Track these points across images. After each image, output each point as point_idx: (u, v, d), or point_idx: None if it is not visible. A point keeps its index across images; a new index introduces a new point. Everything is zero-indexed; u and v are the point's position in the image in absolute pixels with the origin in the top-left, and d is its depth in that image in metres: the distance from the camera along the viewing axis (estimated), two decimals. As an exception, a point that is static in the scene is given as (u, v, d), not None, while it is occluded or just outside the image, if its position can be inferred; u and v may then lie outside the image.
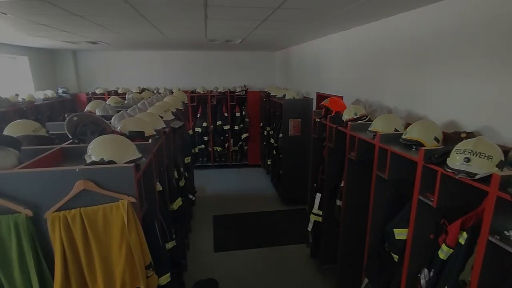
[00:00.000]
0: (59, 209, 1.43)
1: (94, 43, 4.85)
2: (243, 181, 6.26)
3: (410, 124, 2.03)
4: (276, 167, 5.53)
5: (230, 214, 4.79)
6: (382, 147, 2.10)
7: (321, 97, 4.37)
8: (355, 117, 2.66)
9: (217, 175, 6.63)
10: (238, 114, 6.83)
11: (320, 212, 3.25)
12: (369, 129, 2.35)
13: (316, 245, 3.48)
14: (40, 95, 5.30)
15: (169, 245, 2.32)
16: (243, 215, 4.78)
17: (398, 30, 2.67)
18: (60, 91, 6.07)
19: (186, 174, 3.77)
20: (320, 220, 3.26)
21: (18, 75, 5.60)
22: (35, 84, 5.78)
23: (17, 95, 4.80)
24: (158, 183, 2.23)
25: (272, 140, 5.50)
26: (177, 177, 3.10)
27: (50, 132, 2.25)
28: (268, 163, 6.07)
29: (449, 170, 1.48)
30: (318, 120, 3.27)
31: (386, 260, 2.17)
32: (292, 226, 4.46)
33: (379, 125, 2.28)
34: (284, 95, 4.96)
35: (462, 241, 1.52)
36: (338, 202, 2.89)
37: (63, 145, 1.99)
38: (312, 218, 3.33)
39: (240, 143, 7.04)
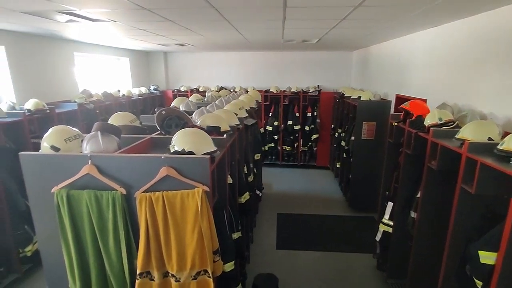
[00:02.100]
0: (146, 191, 1.63)
1: (182, 45, 5.36)
2: (310, 182, 6.19)
3: (510, 134, 1.76)
4: (345, 171, 5.33)
5: (294, 214, 4.80)
6: (471, 157, 1.87)
7: (400, 99, 4.06)
8: (439, 122, 2.41)
9: (284, 174, 6.69)
10: (309, 114, 6.77)
11: (391, 223, 3.04)
12: (456, 136, 2.11)
13: (384, 257, 3.26)
14: (136, 91, 6.10)
15: (235, 236, 2.43)
16: (307, 216, 4.74)
17: (502, 24, 2.32)
18: (152, 88, 6.89)
19: (255, 171, 3.91)
20: (390, 231, 3.04)
21: (120, 73, 6.53)
22: (132, 82, 6.66)
23: (118, 91, 5.60)
24: (229, 176, 2.37)
25: (343, 143, 5.31)
26: (246, 172, 3.24)
27: (142, 124, 2.58)
28: (337, 166, 5.88)
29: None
30: (396, 124, 3.05)
31: (466, 285, 1.93)
32: (359, 233, 4.26)
33: (468, 133, 2.03)
34: (359, 97, 4.74)
35: None
36: (413, 214, 2.66)
37: (153, 135, 2.27)
38: (382, 227, 3.13)
39: (309, 143, 6.97)
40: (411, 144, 2.68)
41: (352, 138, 4.77)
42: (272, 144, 6.99)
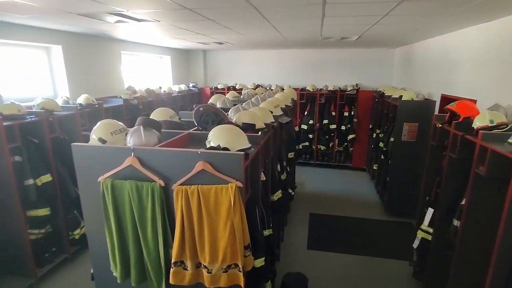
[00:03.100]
0: (182, 183, 1.70)
1: (220, 43, 5.48)
2: (344, 184, 6.04)
3: None
4: (382, 173, 5.13)
5: (327, 215, 4.71)
6: (525, 164, 1.71)
7: (447, 99, 3.81)
8: (490, 125, 2.23)
9: (318, 173, 6.59)
10: (346, 113, 6.59)
11: (431, 230, 2.87)
12: (509, 140, 1.94)
13: (421, 266, 3.10)
14: (176, 88, 6.34)
15: (266, 233, 2.44)
16: (341, 217, 4.64)
17: None
18: (190, 85, 7.12)
19: (288, 169, 3.89)
20: (429, 239, 2.88)
21: (162, 71, 6.83)
22: (173, 79, 6.94)
23: (160, 87, 5.87)
24: (262, 173, 2.39)
25: (381, 144, 5.11)
26: (279, 170, 3.24)
27: (181, 119, 2.69)
28: (374, 168, 5.67)
29: None
30: (440, 125, 2.88)
31: (514, 302, 1.78)
32: (394, 239, 4.08)
33: (523, 138, 1.87)
34: (401, 96, 4.53)
35: None
36: (455, 222, 2.50)
37: (190, 130, 2.35)
38: (420, 234, 2.97)
39: (345, 144, 6.80)
40: (456, 148, 2.51)
41: (391, 139, 4.58)
42: (307, 143, 6.91)
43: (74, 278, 3.27)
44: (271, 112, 2.91)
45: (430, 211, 2.91)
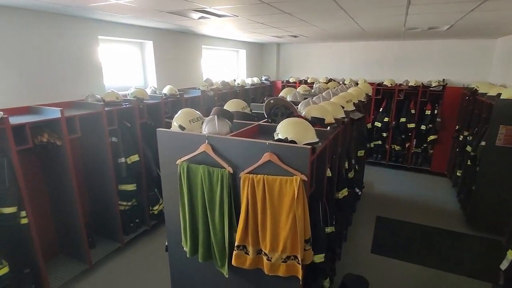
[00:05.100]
0: (249, 172, 1.78)
1: (295, 36, 5.46)
2: (419, 188, 5.53)
3: None
4: (467, 181, 4.54)
5: (396, 220, 4.40)
6: None
7: (562, 101, 3.18)
8: None
9: (389, 175, 6.16)
10: (428, 112, 5.97)
11: (525, 252, 2.48)
12: None
13: (510, 291, 2.70)
14: (249, 81, 6.56)
15: (328, 230, 2.41)
16: (412, 224, 4.28)
17: None
18: (263, 78, 7.29)
19: (357, 167, 3.74)
20: (523, 262, 2.49)
21: (238, 64, 7.12)
22: (247, 72, 7.18)
23: (234, 80, 6.14)
24: (328, 169, 2.35)
25: (468, 148, 4.52)
26: (347, 167, 3.14)
27: (252, 111, 2.79)
28: (457, 174, 5.06)
29: None
30: (549, 132, 2.43)
31: None
32: (476, 256, 3.61)
33: None
34: (499, 94, 3.92)
35: None
36: (560, 247, 2.11)
37: (260, 122, 2.43)
38: (510, 255, 2.58)
39: (424, 145, 6.19)
40: None
41: (482, 143, 4.01)
42: (379, 142, 6.49)
43: (152, 248, 3.70)
44: (343, 107, 2.82)
45: (525, 230, 2.50)
